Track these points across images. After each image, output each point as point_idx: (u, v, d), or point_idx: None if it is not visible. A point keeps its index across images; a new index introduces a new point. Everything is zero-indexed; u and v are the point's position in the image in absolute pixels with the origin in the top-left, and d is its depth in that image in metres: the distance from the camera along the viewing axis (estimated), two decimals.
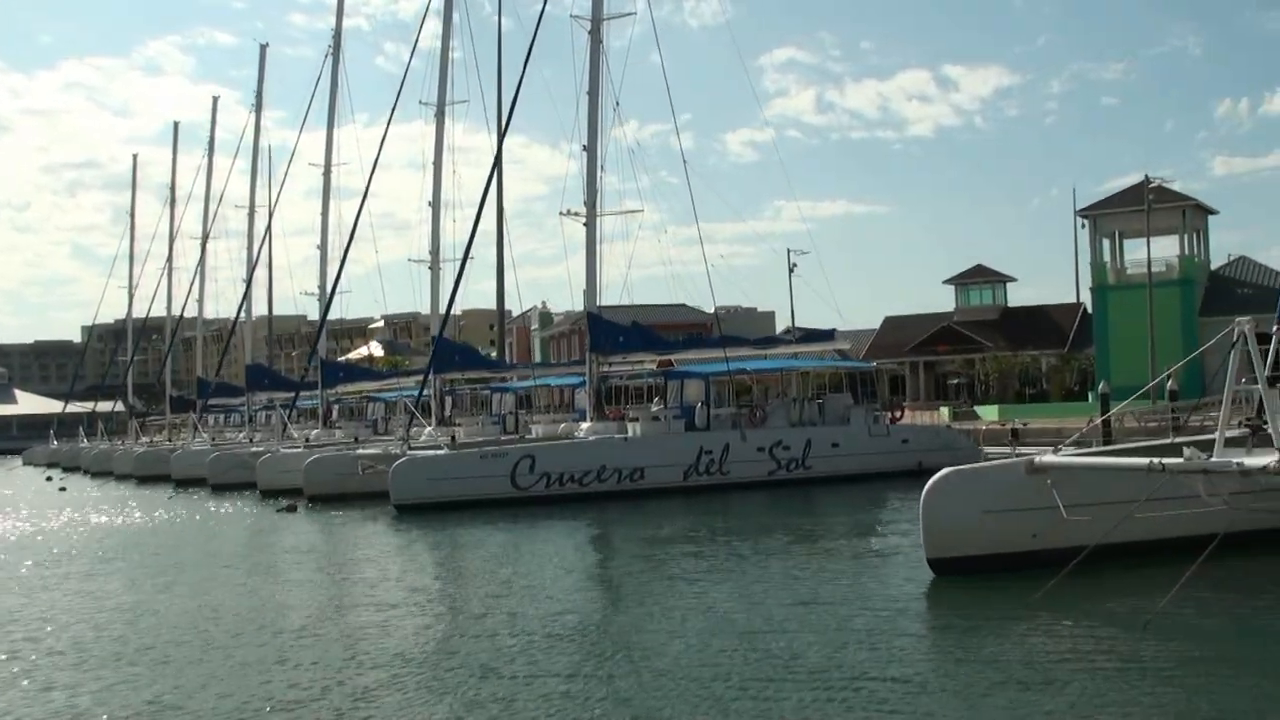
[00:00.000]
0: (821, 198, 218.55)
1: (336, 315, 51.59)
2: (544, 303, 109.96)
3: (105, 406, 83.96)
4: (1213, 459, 14.62)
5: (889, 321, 78.89)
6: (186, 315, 73.82)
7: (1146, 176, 51.24)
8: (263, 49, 63.50)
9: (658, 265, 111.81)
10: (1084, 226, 61.03)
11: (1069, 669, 11.41)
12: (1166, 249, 58.54)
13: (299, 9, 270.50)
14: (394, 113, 44.92)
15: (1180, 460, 14.62)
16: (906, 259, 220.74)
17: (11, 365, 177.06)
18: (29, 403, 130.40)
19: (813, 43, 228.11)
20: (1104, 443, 25.39)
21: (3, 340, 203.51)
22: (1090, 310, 62.61)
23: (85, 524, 32.38)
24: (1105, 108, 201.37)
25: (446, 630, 14.66)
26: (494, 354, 72.79)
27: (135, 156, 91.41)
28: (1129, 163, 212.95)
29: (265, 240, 61.79)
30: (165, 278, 75.50)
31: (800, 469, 34.67)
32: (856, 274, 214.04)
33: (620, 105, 36.44)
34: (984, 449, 35.64)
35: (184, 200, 75.44)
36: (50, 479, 60.44)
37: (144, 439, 68.24)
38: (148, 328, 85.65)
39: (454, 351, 43.97)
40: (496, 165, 39.45)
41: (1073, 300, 72.99)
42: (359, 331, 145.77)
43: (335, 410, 55.26)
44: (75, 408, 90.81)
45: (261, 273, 63.85)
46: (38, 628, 15.67)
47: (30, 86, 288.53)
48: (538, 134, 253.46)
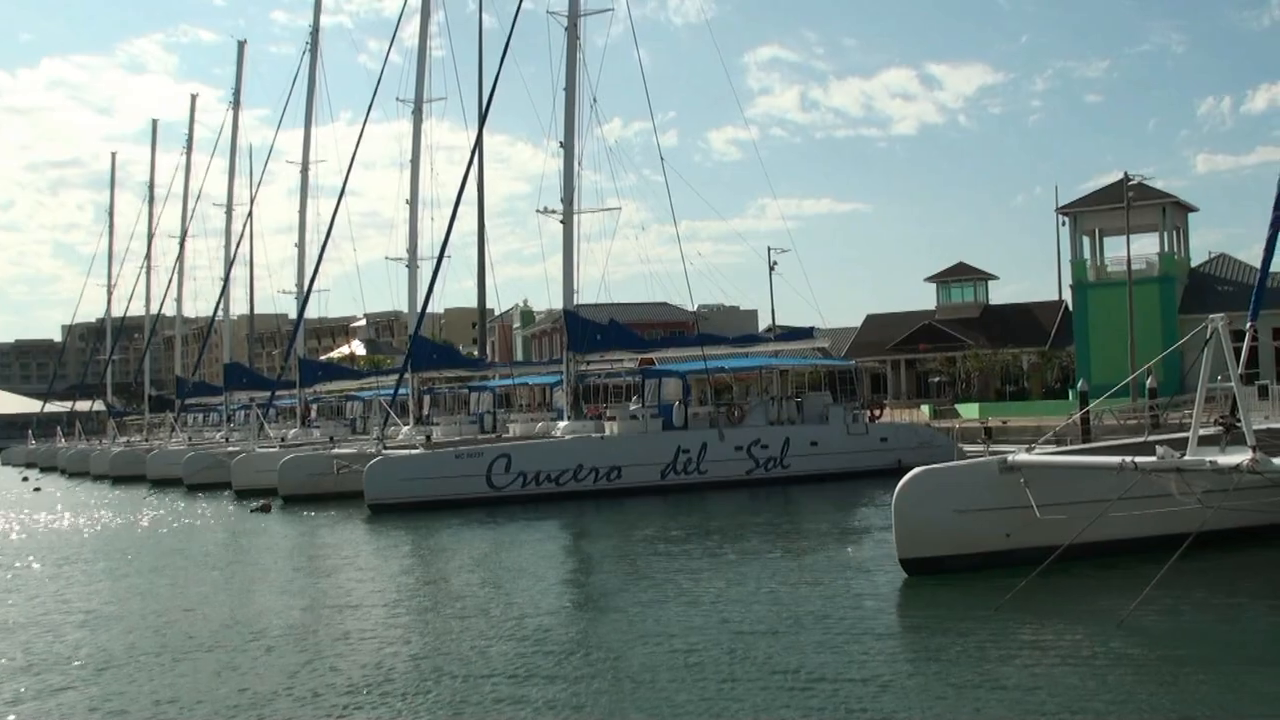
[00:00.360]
0: (805, 196, 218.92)
1: (317, 314, 51.40)
2: (525, 301, 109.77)
3: (84, 406, 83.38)
4: (1186, 457, 14.52)
5: (871, 319, 78.94)
6: (166, 314, 73.49)
7: (1125, 174, 51.27)
8: (241, 46, 63.03)
9: (640, 264, 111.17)
10: (1064, 224, 61.12)
11: (1041, 669, 11.27)
12: (1147, 246, 58.79)
13: (281, 6, 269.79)
14: (371, 110, 44.83)
15: (1153, 459, 14.52)
16: (889, 257, 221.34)
17: None
18: (8, 402, 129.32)
19: (796, 41, 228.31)
20: (1083, 440, 25.36)
21: None
22: (1071, 308, 62.72)
23: (56, 525, 32.00)
24: (1088, 106, 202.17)
25: (413, 634, 14.40)
26: (475, 352, 72.49)
27: (114, 155, 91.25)
28: (1112, 160, 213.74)
29: (244, 238, 61.54)
30: (144, 276, 75.19)
31: (778, 468, 34.48)
32: (839, 272, 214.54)
33: (599, 102, 36.47)
34: (962, 446, 35.50)
35: (163, 199, 75.27)
36: (26, 479, 60.09)
37: (122, 439, 67.86)
38: (127, 326, 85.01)
39: (431, 350, 43.83)
40: (473, 160, 39.20)
41: (1055, 298, 73.19)
42: (341, 330, 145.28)
43: (315, 410, 54.92)
44: (54, 407, 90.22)
45: (241, 271, 63.72)
46: None
47: (13, 84, 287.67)
48: (521, 132, 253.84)
